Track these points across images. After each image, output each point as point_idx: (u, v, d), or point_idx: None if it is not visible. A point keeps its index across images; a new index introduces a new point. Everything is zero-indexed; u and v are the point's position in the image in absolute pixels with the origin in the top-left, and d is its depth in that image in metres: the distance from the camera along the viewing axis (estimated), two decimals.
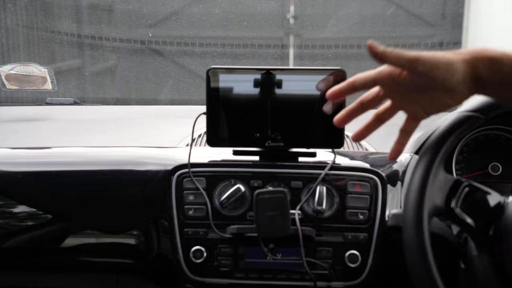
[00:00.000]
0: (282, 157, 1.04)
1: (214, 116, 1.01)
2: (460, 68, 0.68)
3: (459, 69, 0.68)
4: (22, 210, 1.09)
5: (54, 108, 1.60)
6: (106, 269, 1.13)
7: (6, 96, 1.76)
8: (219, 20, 2.28)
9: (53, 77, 1.61)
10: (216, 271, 1.02)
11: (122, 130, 1.42)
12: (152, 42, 2.21)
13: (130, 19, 2.35)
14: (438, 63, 0.67)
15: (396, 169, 1.07)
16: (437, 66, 0.67)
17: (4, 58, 2.09)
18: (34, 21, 2.18)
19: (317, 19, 2.51)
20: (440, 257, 0.76)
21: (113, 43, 2.19)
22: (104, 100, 2.10)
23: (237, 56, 2.12)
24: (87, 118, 1.56)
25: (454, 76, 0.68)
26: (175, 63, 2.33)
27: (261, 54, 2.14)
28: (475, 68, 0.68)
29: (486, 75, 0.68)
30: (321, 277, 1.00)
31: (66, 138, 1.37)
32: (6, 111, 1.61)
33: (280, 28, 2.50)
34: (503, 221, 0.77)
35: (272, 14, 2.35)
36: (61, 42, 2.17)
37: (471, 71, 0.68)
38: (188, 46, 2.23)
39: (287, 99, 1.00)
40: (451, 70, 0.68)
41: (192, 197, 1.02)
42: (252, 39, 2.15)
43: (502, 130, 1.13)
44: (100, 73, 2.36)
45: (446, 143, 0.77)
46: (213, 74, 0.99)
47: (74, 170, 1.08)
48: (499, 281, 0.78)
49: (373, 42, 0.66)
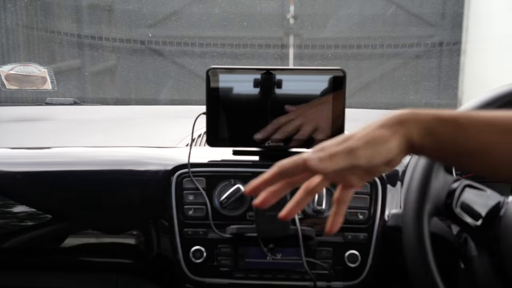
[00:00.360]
0: (282, 157, 1.03)
1: (214, 116, 1.01)
2: (395, 143, 0.63)
3: (394, 146, 0.63)
4: (22, 210, 1.09)
5: (54, 108, 1.60)
6: (106, 269, 1.13)
7: (6, 96, 1.76)
8: (219, 20, 2.28)
9: (53, 77, 1.60)
10: (216, 271, 1.02)
11: (122, 130, 1.42)
12: (152, 42, 2.21)
13: (130, 19, 2.35)
14: (374, 154, 0.63)
15: (396, 169, 1.07)
16: (374, 157, 0.63)
17: (4, 58, 2.09)
18: (34, 21, 2.18)
19: (317, 19, 2.51)
20: (440, 257, 0.76)
21: (113, 43, 2.19)
22: (104, 100, 2.10)
23: (237, 56, 2.12)
24: (87, 118, 1.56)
25: (390, 153, 0.63)
26: (175, 63, 2.33)
27: (261, 54, 2.14)
28: (409, 138, 0.63)
29: (420, 142, 0.63)
30: (321, 277, 1.00)
31: (66, 138, 1.37)
32: (6, 111, 1.61)
33: (280, 28, 2.50)
34: (503, 221, 0.77)
35: (272, 14, 2.35)
36: (61, 42, 2.17)
37: (406, 142, 0.63)
38: (188, 46, 2.23)
39: (287, 99, 1.00)
40: (388, 150, 0.63)
41: (192, 197, 1.02)
42: (252, 39, 2.15)
43: None
44: (100, 73, 2.36)
45: None
46: (213, 74, 0.99)
47: (74, 170, 1.08)
48: (499, 281, 0.78)
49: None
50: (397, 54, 2.39)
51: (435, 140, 0.63)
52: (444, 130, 0.63)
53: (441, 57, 2.48)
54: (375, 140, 0.63)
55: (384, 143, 0.63)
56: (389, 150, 0.63)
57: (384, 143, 0.63)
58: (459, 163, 0.67)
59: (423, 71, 2.39)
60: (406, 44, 2.43)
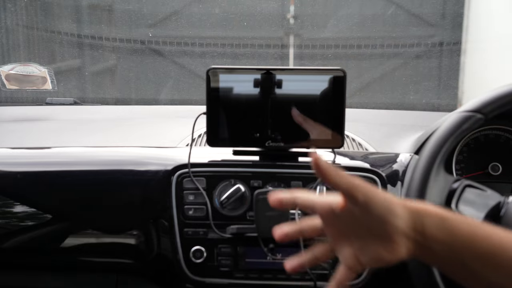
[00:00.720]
0: (282, 157, 1.04)
1: (214, 116, 1.01)
2: (402, 213, 0.61)
3: (400, 214, 0.61)
4: (22, 210, 1.09)
5: (54, 108, 1.60)
6: (106, 269, 1.13)
7: (6, 96, 1.76)
8: (219, 20, 2.28)
9: (53, 77, 1.60)
10: (216, 271, 1.02)
11: (122, 130, 1.42)
12: (152, 42, 2.21)
13: (130, 19, 2.35)
14: (375, 197, 0.60)
15: (396, 169, 1.07)
16: (374, 200, 0.60)
17: (4, 58, 2.09)
18: (34, 21, 2.18)
19: (317, 19, 2.51)
20: None
21: (113, 43, 2.19)
22: (104, 100, 2.10)
23: (237, 56, 2.12)
24: (87, 118, 1.56)
25: (394, 218, 0.60)
26: (175, 63, 2.33)
27: (261, 54, 2.14)
28: (420, 221, 0.61)
29: (433, 232, 0.60)
30: (321, 277, 1.00)
31: (66, 138, 1.37)
32: (6, 111, 1.61)
33: (280, 28, 2.50)
34: (503, 221, 0.77)
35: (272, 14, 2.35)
36: (61, 42, 2.17)
37: (413, 223, 0.61)
38: (188, 46, 2.23)
39: (287, 99, 1.00)
40: (390, 210, 0.60)
41: (192, 197, 1.02)
42: (252, 39, 2.15)
43: (502, 130, 1.13)
44: (100, 73, 2.36)
45: (446, 143, 0.77)
46: (213, 74, 0.99)
47: (74, 170, 1.08)
48: None
49: (318, 157, 0.60)
50: (397, 54, 2.39)
51: (451, 235, 0.61)
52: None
53: (441, 57, 2.48)
54: (382, 193, 0.62)
55: (388, 201, 0.61)
56: (390, 210, 0.61)
57: (388, 201, 0.61)
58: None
59: (423, 71, 2.39)
60: (406, 44, 2.43)
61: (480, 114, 0.78)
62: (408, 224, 0.60)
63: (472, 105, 0.79)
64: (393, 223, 0.60)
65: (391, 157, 1.11)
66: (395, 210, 0.61)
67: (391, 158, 1.11)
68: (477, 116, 0.78)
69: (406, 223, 0.60)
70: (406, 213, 0.61)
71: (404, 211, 0.61)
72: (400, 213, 0.61)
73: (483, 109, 0.78)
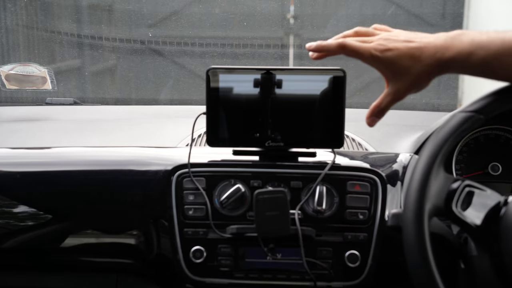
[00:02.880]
0: (282, 157, 1.04)
1: (214, 116, 1.01)
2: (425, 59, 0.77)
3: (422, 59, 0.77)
4: (22, 210, 1.09)
5: (54, 108, 1.60)
6: (106, 269, 1.13)
7: (6, 96, 1.76)
8: (219, 20, 2.28)
9: (53, 77, 1.61)
10: (216, 271, 1.02)
11: (122, 130, 1.42)
12: (152, 42, 2.21)
13: (130, 19, 2.34)
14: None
15: (396, 169, 1.07)
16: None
17: (4, 58, 2.09)
18: (34, 21, 2.17)
19: (317, 19, 2.51)
20: (440, 257, 0.76)
21: (113, 43, 2.19)
22: (104, 100, 2.10)
23: (237, 56, 2.12)
24: (87, 118, 1.56)
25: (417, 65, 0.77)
26: (175, 63, 2.33)
27: (261, 54, 2.14)
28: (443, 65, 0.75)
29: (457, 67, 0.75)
30: (321, 277, 1.00)
31: (66, 138, 1.37)
32: (6, 111, 1.61)
33: (280, 28, 2.50)
34: (503, 221, 0.77)
35: (272, 14, 2.35)
36: (61, 42, 2.16)
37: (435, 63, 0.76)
38: (188, 46, 2.23)
39: (287, 99, 1.00)
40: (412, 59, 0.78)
41: (192, 197, 1.02)
42: (252, 39, 2.15)
43: (502, 130, 1.13)
44: (100, 73, 2.36)
45: (446, 143, 0.77)
46: (213, 74, 0.99)
47: (74, 170, 1.08)
48: (499, 281, 0.78)
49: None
50: None
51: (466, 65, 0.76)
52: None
53: None
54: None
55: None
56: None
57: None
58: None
59: None
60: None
61: (480, 114, 0.77)
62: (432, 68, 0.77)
63: (472, 105, 0.79)
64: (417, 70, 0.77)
65: (391, 157, 1.11)
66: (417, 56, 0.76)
67: (391, 158, 1.11)
68: (477, 116, 0.77)
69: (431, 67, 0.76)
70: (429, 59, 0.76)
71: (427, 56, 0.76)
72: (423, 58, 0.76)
73: (483, 109, 0.78)
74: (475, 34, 0.75)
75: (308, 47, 0.85)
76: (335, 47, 0.81)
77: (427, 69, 0.77)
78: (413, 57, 0.77)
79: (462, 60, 0.75)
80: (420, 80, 0.79)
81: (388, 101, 0.83)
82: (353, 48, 0.81)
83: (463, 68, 0.76)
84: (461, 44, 0.74)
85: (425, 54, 0.76)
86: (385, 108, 0.84)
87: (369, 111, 0.85)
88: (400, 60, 0.77)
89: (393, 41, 0.79)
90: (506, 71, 0.74)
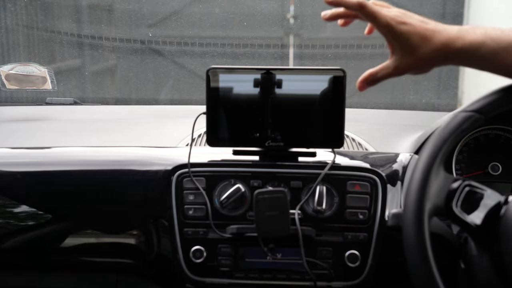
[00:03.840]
0: (282, 157, 1.04)
1: (214, 116, 1.01)
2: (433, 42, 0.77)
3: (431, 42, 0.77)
4: (22, 210, 1.09)
5: (54, 108, 1.60)
6: (106, 269, 1.13)
7: (6, 96, 1.76)
8: (219, 20, 2.28)
9: (53, 77, 1.60)
10: (216, 271, 1.02)
11: (122, 130, 1.42)
12: (152, 42, 2.20)
13: (130, 19, 2.34)
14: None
15: (396, 169, 1.07)
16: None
17: (4, 58, 2.09)
18: (34, 21, 2.17)
19: (317, 19, 2.51)
20: (440, 257, 0.76)
21: (113, 43, 2.19)
22: (104, 100, 2.10)
23: (237, 56, 2.12)
24: (87, 118, 1.56)
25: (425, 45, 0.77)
26: (175, 63, 2.33)
27: (261, 54, 2.14)
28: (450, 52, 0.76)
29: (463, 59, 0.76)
30: (321, 277, 1.00)
31: (66, 138, 1.37)
32: (6, 111, 1.61)
33: (280, 28, 2.49)
34: (503, 221, 0.77)
35: (272, 14, 2.35)
36: (61, 42, 2.16)
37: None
38: (188, 46, 2.22)
39: (287, 99, 1.00)
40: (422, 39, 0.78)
41: (192, 197, 1.02)
42: (252, 39, 2.15)
43: (502, 130, 1.13)
44: (100, 73, 2.35)
45: (446, 143, 0.77)
46: (213, 74, 0.99)
47: (74, 170, 1.08)
48: (499, 281, 0.78)
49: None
50: None
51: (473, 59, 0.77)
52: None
53: None
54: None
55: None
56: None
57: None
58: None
59: None
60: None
61: (480, 114, 0.77)
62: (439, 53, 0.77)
63: (472, 105, 0.79)
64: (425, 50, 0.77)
65: (391, 157, 1.11)
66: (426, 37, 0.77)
67: (391, 158, 1.11)
68: (477, 116, 0.77)
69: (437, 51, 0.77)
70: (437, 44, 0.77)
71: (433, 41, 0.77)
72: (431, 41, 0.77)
73: (483, 109, 0.78)
74: (488, 27, 0.76)
75: (324, 12, 0.85)
76: (354, 4, 0.79)
77: (434, 54, 0.77)
78: (425, 38, 0.77)
79: (472, 51, 0.75)
80: (424, 63, 0.79)
81: (385, 73, 0.83)
82: (371, 10, 0.79)
83: (471, 59, 0.76)
84: (474, 35, 0.75)
85: (436, 38, 0.76)
86: (380, 78, 0.84)
87: (363, 76, 0.85)
88: (412, 36, 0.77)
89: (410, 17, 0.79)
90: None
